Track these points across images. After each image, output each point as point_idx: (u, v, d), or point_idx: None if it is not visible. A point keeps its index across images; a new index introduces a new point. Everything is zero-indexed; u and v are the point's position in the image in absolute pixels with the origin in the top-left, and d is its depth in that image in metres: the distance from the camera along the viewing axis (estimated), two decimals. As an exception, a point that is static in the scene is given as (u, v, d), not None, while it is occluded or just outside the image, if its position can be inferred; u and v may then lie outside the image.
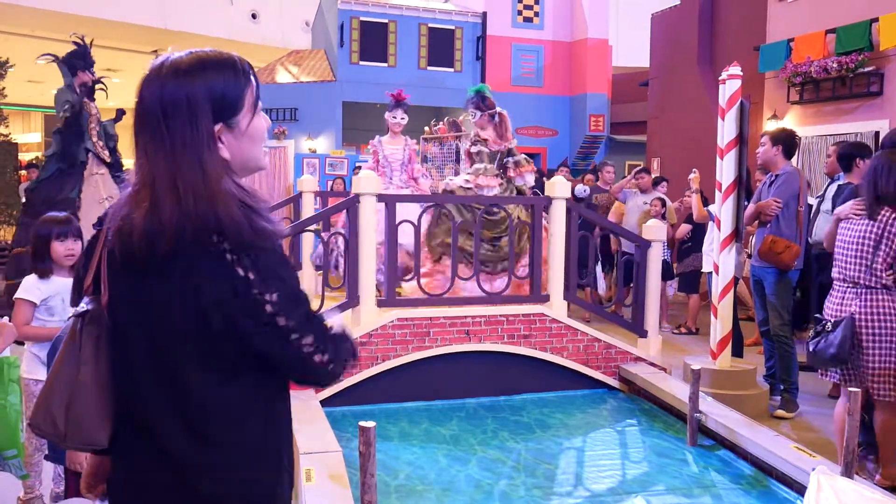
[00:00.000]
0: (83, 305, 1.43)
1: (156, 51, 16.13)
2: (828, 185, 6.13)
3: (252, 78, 1.38)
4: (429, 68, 13.44)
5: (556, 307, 5.34)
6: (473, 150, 5.88)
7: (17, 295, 3.31)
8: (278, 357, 1.32)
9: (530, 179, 5.85)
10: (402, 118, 6.44)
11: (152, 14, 14.57)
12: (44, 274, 3.30)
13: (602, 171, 9.37)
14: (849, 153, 5.13)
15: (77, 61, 6.99)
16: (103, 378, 1.39)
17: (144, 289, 1.30)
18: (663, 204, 7.99)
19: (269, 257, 1.29)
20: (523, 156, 5.93)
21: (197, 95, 1.29)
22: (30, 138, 23.74)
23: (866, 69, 8.23)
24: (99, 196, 6.95)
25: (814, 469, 2.92)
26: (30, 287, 3.30)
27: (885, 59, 8.15)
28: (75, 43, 7.09)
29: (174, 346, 1.29)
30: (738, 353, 5.82)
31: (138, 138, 1.32)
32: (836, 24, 8.52)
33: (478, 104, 5.83)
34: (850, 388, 3.30)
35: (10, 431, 2.60)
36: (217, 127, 1.31)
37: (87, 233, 1.69)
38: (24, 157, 15.65)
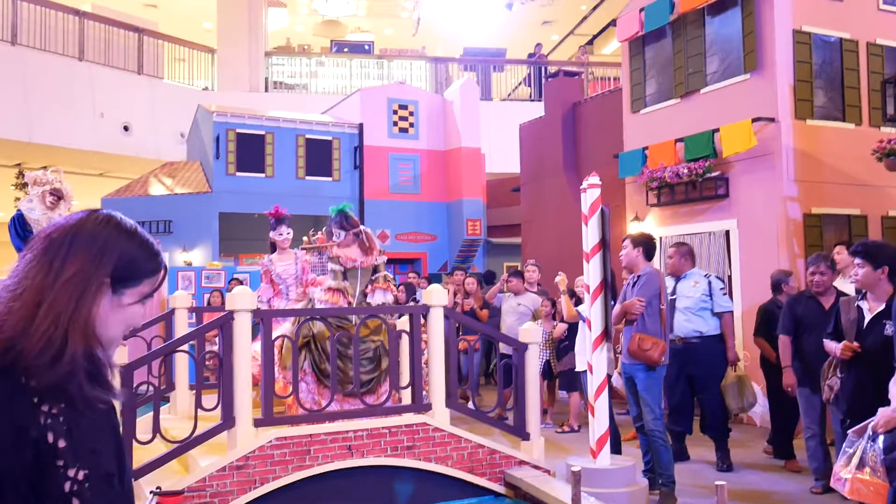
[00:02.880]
0: None
1: (19, 164, 15.46)
2: (676, 284, 6.55)
3: (160, 276, 1.39)
4: (307, 178, 13.56)
5: (439, 416, 5.33)
6: (330, 266, 5.84)
7: None
8: None
9: (379, 298, 5.70)
10: (288, 233, 6.40)
11: (17, 127, 13.99)
12: None
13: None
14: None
15: None
16: None
17: None
18: (553, 304, 8.28)
19: (90, 424, 1.20)
20: (384, 274, 5.86)
21: (113, 247, 1.29)
22: None
23: (713, 174, 8.98)
24: None
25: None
26: None
27: (728, 164, 8.94)
28: None
29: None
30: (616, 449, 5.96)
31: (27, 254, 1.27)
32: (684, 133, 9.32)
33: (341, 223, 5.75)
34: (716, 483, 3.43)
35: None
36: (106, 280, 1.28)
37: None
38: None
